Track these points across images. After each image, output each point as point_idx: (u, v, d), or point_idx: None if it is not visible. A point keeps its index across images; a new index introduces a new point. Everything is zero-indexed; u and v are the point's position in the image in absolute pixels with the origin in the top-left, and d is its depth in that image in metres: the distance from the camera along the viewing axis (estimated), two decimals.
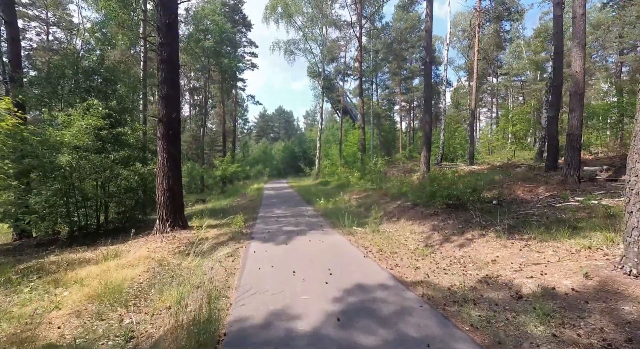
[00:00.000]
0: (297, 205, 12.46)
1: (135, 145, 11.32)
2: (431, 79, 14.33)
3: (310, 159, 37.33)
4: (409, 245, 5.96)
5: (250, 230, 7.96)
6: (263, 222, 8.93)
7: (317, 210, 11.09)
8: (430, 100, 13.99)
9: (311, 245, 6.09)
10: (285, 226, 8.21)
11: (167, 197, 8.58)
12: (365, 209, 10.18)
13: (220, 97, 32.06)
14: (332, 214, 9.79)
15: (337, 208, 11.10)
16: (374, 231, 7.18)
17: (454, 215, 7.03)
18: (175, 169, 8.75)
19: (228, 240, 7.23)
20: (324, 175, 23.29)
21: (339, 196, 14.17)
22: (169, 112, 8.49)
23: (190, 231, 8.38)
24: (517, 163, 14.51)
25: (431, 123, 14.13)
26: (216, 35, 27.23)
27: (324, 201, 12.11)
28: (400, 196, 10.15)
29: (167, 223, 8.59)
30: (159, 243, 7.75)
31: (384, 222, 8.06)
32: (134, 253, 7.10)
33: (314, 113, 71.26)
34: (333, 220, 8.81)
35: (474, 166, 17.46)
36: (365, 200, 11.42)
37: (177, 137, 8.82)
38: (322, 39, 24.37)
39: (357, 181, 15.70)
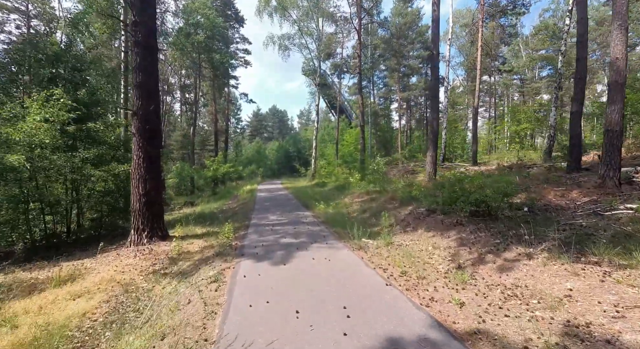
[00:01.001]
0: (294, 210, 11.21)
1: (112, 143, 9.95)
2: (438, 73, 13.23)
3: (305, 159, 36.06)
4: (436, 264, 4.79)
5: (241, 242, 6.70)
6: (256, 232, 7.67)
7: (316, 215, 9.87)
8: (437, 95, 12.88)
9: (316, 266, 4.87)
10: (282, 237, 6.97)
11: (143, 203, 7.28)
12: (371, 215, 9.00)
13: (212, 94, 30.60)
14: (335, 221, 8.58)
15: (339, 214, 9.89)
16: (388, 245, 6.00)
17: (483, 225, 5.88)
18: (153, 171, 7.45)
19: (214, 256, 5.97)
20: (321, 176, 22.07)
21: (339, 199, 12.97)
22: (145, 103, 7.18)
23: (171, 243, 7.09)
24: (528, 164, 13.51)
25: (438, 121, 13.03)
26: (207, 30, 25.83)
27: (324, 206, 10.90)
28: (410, 201, 8.99)
29: (143, 234, 7.29)
30: (131, 258, 6.45)
31: (397, 232, 6.88)
32: (98, 272, 5.79)
33: (308, 113, 70.03)
34: (337, 229, 7.60)
35: (479, 166, 16.46)
36: (370, 204, 10.24)
37: (155, 133, 7.51)
38: (317, 33, 23.14)
39: (357, 182, 14.53)
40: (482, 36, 18.85)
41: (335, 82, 27.82)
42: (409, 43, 25.67)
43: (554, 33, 26.15)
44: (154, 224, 7.42)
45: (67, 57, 8.69)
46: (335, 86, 27.74)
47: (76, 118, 8.16)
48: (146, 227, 7.32)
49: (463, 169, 15.92)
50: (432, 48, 12.51)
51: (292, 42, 23.37)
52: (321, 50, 23.80)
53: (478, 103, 19.63)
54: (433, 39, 12.52)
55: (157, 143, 7.52)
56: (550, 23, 26.73)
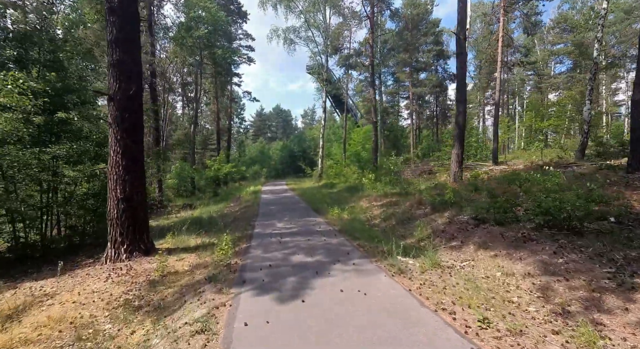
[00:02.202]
0: (303, 215, 9.71)
1: (97, 138, 8.51)
2: (466, 60, 11.68)
3: (310, 159, 34.59)
4: (524, 305, 3.26)
5: (242, 261, 5.20)
6: (260, 245, 6.17)
7: (331, 222, 8.36)
8: (464, 86, 11.33)
9: (348, 305, 3.37)
10: (293, 253, 5.46)
11: (122, 210, 5.81)
12: (398, 223, 7.47)
13: (214, 92, 29.21)
14: (355, 230, 7.07)
15: (358, 221, 8.38)
16: (436, 267, 4.48)
17: (565, 241, 4.35)
18: (134, 170, 5.98)
19: (205, 280, 4.48)
20: (329, 176, 20.57)
21: (353, 202, 11.45)
22: (123, 86, 5.72)
23: (155, 259, 5.62)
24: (564, 163, 11.92)
25: (465, 114, 11.48)
26: (209, 24, 24.44)
27: (338, 211, 9.39)
28: (444, 206, 7.45)
29: (121, 248, 5.82)
30: (101, 282, 4.98)
31: (439, 247, 5.35)
32: (52, 303, 4.33)
33: (312, 113, 68.60)
34: (361, 242, 6.08)
35: (501, 165, 14.91)
36: (393, 209, 8.71)
37: (136, 124, 6.04)
38: (325, 25, 21.67)
39: (371, 183, 13.00)
40: (503, 26, 17.29)
41: (343, 77, 26.30)
42: (422, 35, 24.09)
43: (572, 27, 24.52)
44: (135, 235, 5.95)
45: (40, 37, 7.26)
46: (343, 83, 26.24)
47: (45, 108, 6.70)
48: (125, 239, 5.85)
49: (485, 169, 14.42)
50: (459, 32, 10.97)
51: (298, 35, 21.93)
52: (328, 44, 22.34)
53: (499, 98, 18.07)
54: (460, 22, 10.98)
55: (138, 135, 6.05)
56: (569, 15, 25.09)
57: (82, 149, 7.40)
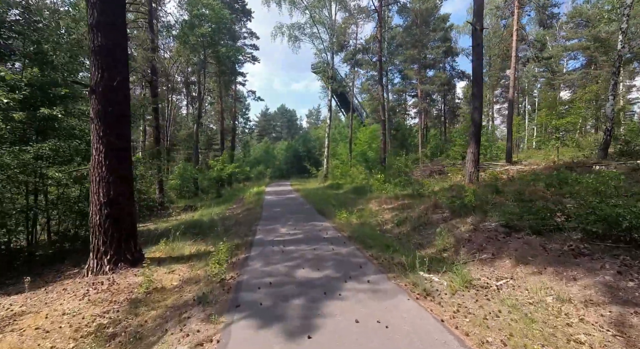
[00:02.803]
0: (309, 219, 8.98)
1: (85, 135, 7.85)
2: (482, 52, 10.84)
3: (315, 159, 33.82)
4: (599, 347, 2.49)
5: (238, 276, 4.48)
6: (261, 255, 5.44)
7: (339, 227, 7.62)
8: (481, 80, 10.50)
9: (366, 343, 2.62)
10: (297, 267, 4.73)
11: (105, 216, 5.13)
12: (414, 229, 6.70)
13: (218, 91, 28.62)
14: (366, 237, 6.31)
15: (368, 226, 7.63)
16: (466, 286, 3.72)
17: (628, 258, 3.56)
18: (119, 170, 5.30)
19: (194, 302, 3.77)
20: (334, 177, 19.80)
21: (362, 204, 10.70)
22: (106, 76, 5.04)
23: (142, 270, 4.93)
24: (590, 162, 11.02)
25: (481, 110, 10.65)
26: (212, 22, 23.84)
27: (346, 214, 8.64)
28: (465, 210, 6.67)
29: (104, 259, 5.15)
30: (77, 300, 4.30)
31: (467, 260, 4.57)
32: (11, 330, 3.65)
33: (317, 112, 67.86)
34: (375, 252, 5.32)
35: (519, 165, 14.03)
36: (407, 214, 7.93)
37: (122, 119, 5.36)
38: (330, 22, 20.91)
39: (380, 184, 12.22)
40: (518, 19, 16.38)
41: (349, 75, 25.50)
42: (430, 31, 23.16)
43: (588, 20, 23.42)
44: (120, 244, 5.26)
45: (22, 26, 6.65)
46: (349, 80, 25.45)
47: (26, 103, 6.06)
48: (109, 249, 5.16)
49: (499, 168, 13.56)
50: (475, 22, 10.15)
51: (303, 31, 21.20)
52: (334, 41, 21.58)
53: (514, 94, 17.15)
54: (476, 12, 10.17)
55: (124, 132, 5.37)
56: (584, 9, 24.00)
57: (74, 148, 6.75)
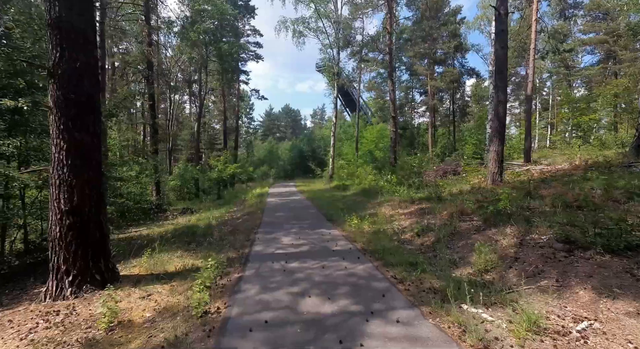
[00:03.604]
0: (315, 225, 7.96)
1: None
2: (507, 39, 9.73)
3: (320, 159, 32.80)
4: None
5: (226, 308, 3.46)
6: (257, 276, 4.41)
7: (350, 236, 6.59)
8: (505, 70, 9.40)
9: None
10: (303, 295, 3.69)
11: (67, 227, 4.17)
12: (438, 240, 5.62)
13: (220, 90, 27.74)
14: (384, 250, 5.26)
15: (383, 235, 6.58)
16: (535, 330, 2.66)
17: None
18: (85, 172, 4.32)
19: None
20: (340, 178, 18.75)
21: (372, 208, 9.65)
22: (67, 56, 4.07)
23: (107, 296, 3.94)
24: (623, 161, 9.87)
25: (505, 104, 9.55)
26: (214, 19, 22.94)
27: (357, 220, 7.60)
28: (502, 218, 5.59)
29: (66, 280, 4.19)
30: (18, 339, 3.30)
31: (520, 286, 3.51)
32: None
33: (322, 112, 66.89)
34: (398, 272, 4.28)
35: (541, 165, 12.89)
36: (427, 220, 6.86)
37: (89, 110, 4.38)
38: (336, 16, 19.88)
39: (392, 186, 11.14)
40: (537, 9, 15.20)
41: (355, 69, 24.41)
42: (441, 24, 21.98)
43: (607, 12, 22.12)
44: (87, 262, 4.28)
45: None
46: (355, 76, 24.39)
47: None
48: (72, 268, 4.19)
49: (518, 169, 12.45)
50: (499, 6, 9.05)
51: (308, 26, 20.17)
52: (340, 37, 20.53)
53: (533, 89, 15.97)
54: None
55: (93, 126, 4.38)
56: (601, 3, 22.69)
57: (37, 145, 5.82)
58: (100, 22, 10.03)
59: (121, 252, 6.63)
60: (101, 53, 10.00)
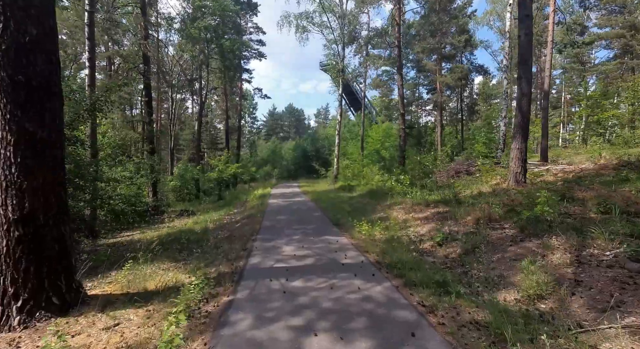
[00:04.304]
0: (320, 231, 7.10)
1: None
2: (532, 25, 8.81)
3: (324, 159, 31.96)
4: None
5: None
6: (251, 301, 3.55)
7: (361, 246, 5.72)
8: (530, 59, 8.47)
9: None
10: (308, 330, 2.84)
11: (17, 239, 3.36)
12: (467, 252, 4.74)
13: (222, 88, 27.00)
14: (403, 264, 4.38)
15: (399, 244, 5.71)
16: None
17: None
18: (41, 172, 3.50)
19: None
20: (346, 178, 17.89)
21: (383, 212, 8.79)
22: (12, 27, 3.25)
23: (77, 320, 3.14)
24: None
25: (530, 97, 8.62)
26: (216, 15, 22.21)
27: (367, 226, 6.74)
28: (540, 227, 4.70)
29: (14, 305, 3.38)
30: None
31: (595, 323, 2.63)
32: None
33: (325, 111, 66.05)
34: (426, 297, 3.40)
35: (562, 164, 11.92)
36: (449, 227, 5.98)
37: (46, 97, 3.56)
38: (341, 11, 19.00)
39: (404, 188, 10.25)
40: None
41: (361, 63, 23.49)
42: (452, 17, 20.99)
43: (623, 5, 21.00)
44: (41, 282, 3.46)
45: None
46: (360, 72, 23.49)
47: None
48: (22, 290, 3.36)
49: (536, 168, 11.50)
50: None
51: (311, 21, 19.33)
52: (345, 31, 19.65)
53: (550, 84, 14.99)
54: None
55: (50, 116, 3.56)
56: None
57: None
58: (90, 11, 9.24)
59: (102, 262, 5.82)
60: (90, 45, 9.23)
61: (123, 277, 4.68)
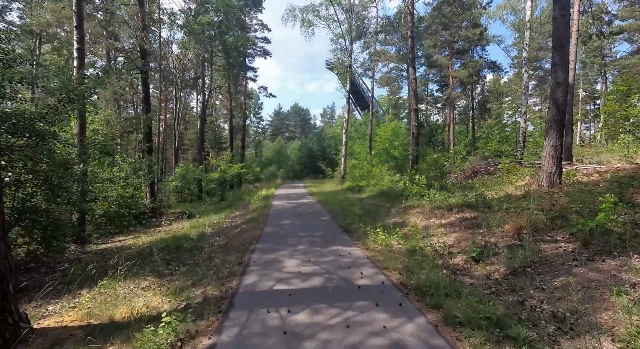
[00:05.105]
0: (329, 240, 6.14)
1: None
2: (569, 4, 7.76)
3: (330, 159, 31.00)
4: None
5: None
6: (238, 344, 2.64)
7: (378, 260, 4.76)
8: (567, 43, 7.41)
9: None
10: None
11: None
12: (514, 272, 3.76)
13: (226, 86, 26.21)
14: (435, 287, 3.42)
15: (423, 257, 4.74)
16: None
17: None
18: None
19: None
20: (354, 178, 16.90)
21: (398, 216, 7.81)
22: None
23: None
24: None
25: (567, 87, 7.55)
26: (220, 11, 21.40)
27: (383, 235, 5.77)
28: (609, 240, 3.70)
29: None
30: None
31: None
32: None
33: (331, 111, 65.05)
34: (479, 344, 2.44)
35: (592, 164, 10.78)
36: (483, 237, 4.98)
37: None
38: (349, 4, 18.03)
39: (421, 189, 9.21)
40: None
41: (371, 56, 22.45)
42: (465, 9, 19.83)
43: None
44: None
45: None
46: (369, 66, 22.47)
47: None
48: None
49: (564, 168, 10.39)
50: None
51: (318, 14, 18.38)
52: (352, 25, 18.66)
53: (574, 77, 13.80)
54: None
55: None
56: None
57: None
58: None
59: (79, 276, 4.95)
60: (79, 34, 8.42)
61: (89, 300, 3.81)
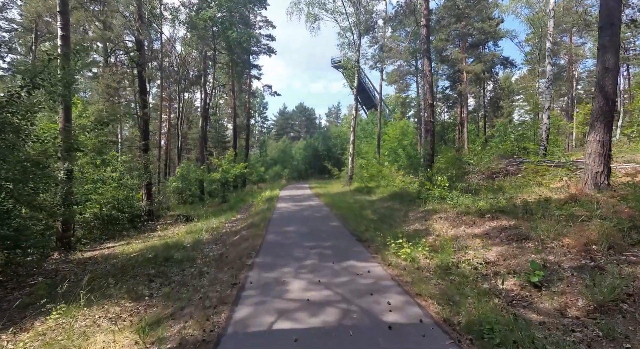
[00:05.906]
0: (342, 253, 5.15)
1: None
2: None
3: (336, 158, 30.01)
4: None
5: None
6: None
7: (405, 281, 3.77)
8: (619, 23, 6.35)
9: None
10: None
11: None
12: (603, 309, 2.76)
13: (230, 85, 25.37)
14: (501, 338, 2.43)
15: (461, 279, 3.74)
16: None
17: None
18: None
19: None
20: (362, 179, 15.90)
21: (418, 222, 6.80)
22: None
23: None
24: None
25: (616, 76, 6.49)
26: (223, 6, 20.57)
27: (408, 247, 4.78)
28: None
29: None
30: None
31: None
32: None
33: (337, 110, 64.04)
34: None
35: (628, 164, 9.60)
36: (540, 254, 3.96)
37: None
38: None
39: (442, 192, 8.15)
40: None
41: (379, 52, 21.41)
42: (479, 0, 18.68)
43: None
44: None
45: None
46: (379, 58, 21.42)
47: None
48: None
49: None
50: None
51: (324, 7, 17.42)
52: (361, 20, 17.66)
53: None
54: None
55: None
56: None
57: None
58: None
59: (40, 297, 4.04)
60: (63, 20, 7.57)
61: (34, 338, 2.89)
